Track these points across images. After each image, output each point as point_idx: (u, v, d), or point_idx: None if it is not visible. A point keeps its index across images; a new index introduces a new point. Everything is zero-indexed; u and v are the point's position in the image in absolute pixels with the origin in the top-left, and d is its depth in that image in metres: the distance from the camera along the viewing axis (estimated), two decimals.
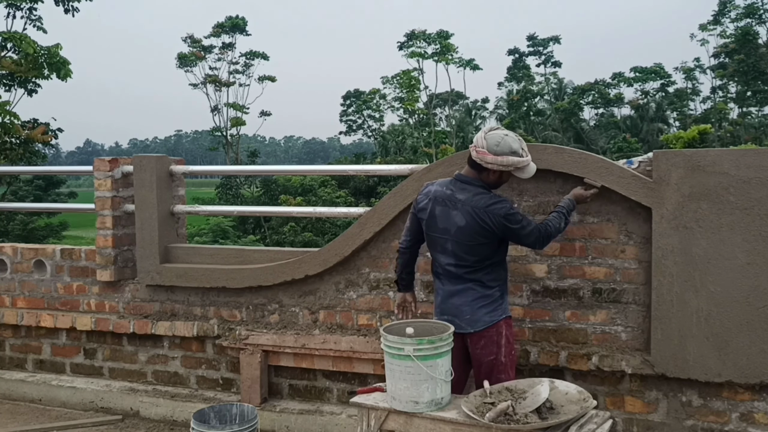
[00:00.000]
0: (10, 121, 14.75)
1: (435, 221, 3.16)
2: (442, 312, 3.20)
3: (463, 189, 3.12)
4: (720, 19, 41.77)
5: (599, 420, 2.75)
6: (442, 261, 3.18)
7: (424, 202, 3.23)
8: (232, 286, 4.23)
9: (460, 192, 3.11)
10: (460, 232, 3.08)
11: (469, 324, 3.10)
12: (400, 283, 3.46)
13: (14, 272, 4.88)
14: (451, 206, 3.11)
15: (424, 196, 3.24)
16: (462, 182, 3.14)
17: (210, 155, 57.42)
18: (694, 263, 3.29)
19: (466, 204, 3.07)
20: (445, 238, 3.14)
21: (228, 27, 37.49)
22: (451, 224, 3.10)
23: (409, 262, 3.42)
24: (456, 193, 3.12)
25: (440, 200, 3.15)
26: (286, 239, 25.03)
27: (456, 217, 3.09)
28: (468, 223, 3.06)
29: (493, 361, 3.11)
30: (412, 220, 3.32)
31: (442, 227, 3.14)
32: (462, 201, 3.09)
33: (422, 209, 3.22)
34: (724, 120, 42.98)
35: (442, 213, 3.14)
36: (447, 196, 3.14)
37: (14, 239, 20.12)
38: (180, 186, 4.62)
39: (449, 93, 46.51)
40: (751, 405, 3.31)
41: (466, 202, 3.08)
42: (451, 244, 3.12)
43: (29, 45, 14.28)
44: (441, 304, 3.22)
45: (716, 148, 4.62)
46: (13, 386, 4.75)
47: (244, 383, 4.18)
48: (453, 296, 3.16)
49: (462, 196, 3.10)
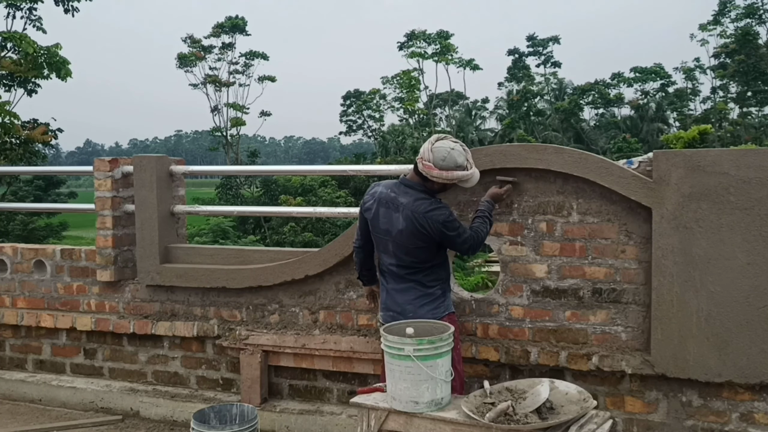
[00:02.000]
0: (10, 121, 14.77)
1: (378, 222, 3.25)
2: (387, 308, 3.31)
3: (405, 193, 3.18)
4: (720, 19, 41.81)
5: (599, 420, 2.75)
6: (385, 260, 3.30)
7: (369, 202, 3.30)
8: (232, 286, 4.23)
9: (403, 195, 3.18)
10: (400, 234, 3.16)
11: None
12: (362, 279, 3.60)
13: (14, 272, 4.88)
14: (393, 209, 3.19)
15: (370, 197, 3.31)
16: (406, 186, 3.21)
17: (210, 155, 57.48)
18: (694, 263, 3.29)
19: (407, 208, 3.14)
20: (386, 239, 3.23)
21: (228, 27, 37.52)
22: (392, 226, 3.18)
23: (366, 260, 3.51)
24: (399, 197, 3.18)
25: (384, 202, 3.23)
26: (286, 239, 25.02)
27: (397, 219, 3.16)
28: (407, 226, 3.13)
29: None
30: (361, 220, 3.40)
31: (384, 228, 3.22)
32: (403, 204, 3.15)
33: (367, 209, 3.31)
34: (725, 120, 43.01)
35: (385, 214, 3.21)
36: (390, 199, 3.21)
37: (14, 239, 20.11)
38: (180, 186, 4.63)
39: (449, 93, 46.57)
40: (751, 405, 3.31)
41: (407, 206, 3.14)
42: (392, 245, 3.21)
43: (29, 45, 14.30)
44: (386, 301, 3.33)
45: (716, 148, 4.62)
46: (13, 386, 4.75)
47: (244, 383, 4.18)
48: (396, 294, 3.26)
49: (404, 199, 3.16)
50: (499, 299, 3.72)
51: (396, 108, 45.34)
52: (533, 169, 3.55)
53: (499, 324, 3.72)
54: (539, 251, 3.64)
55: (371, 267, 3.53)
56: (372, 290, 3.62)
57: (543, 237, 3.62)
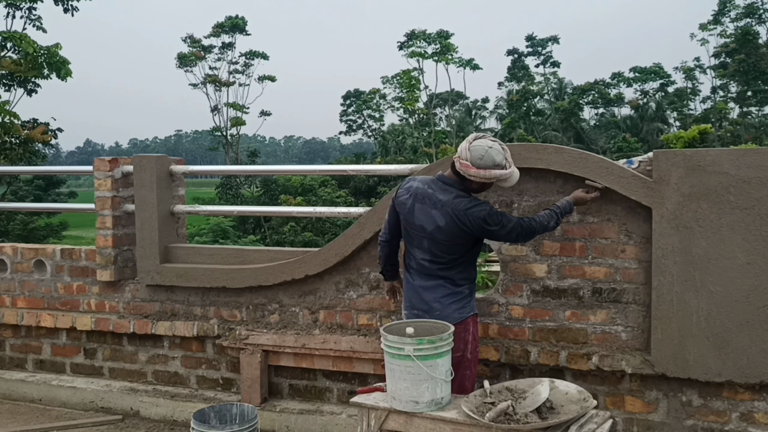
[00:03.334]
0: (9, 120, 14.76)
1: (413, 217, 3.21)
2: (413, 306, 3.27)
3: (444, 190, 3.16)
4: (720, 18, 41.75)
5: (599, 420, 2.75)
6: (417, 256, 3.25)
7: (404, 196, 3.26)
8: (232, 286, 4.23)
9: (441, 193, 3.16)
10: (437, 230, 3.13)
11: (438, 319, 3.14)
12: (385, 274, 3.57)
13: (14, 272, 4.88)
14: (430, 205, 3.16)
15: (405, 191, 3.27)
16: (444, 183, 3.19)
17: (210, 155, 57.41)
18: (694, 263, 3.29)
19: (447, 205, 3.12)
20: (421, 235, 3.20)
21: (228, 27, 37.48)
22: (429, 222, 3.15)
23: (391, 254, 3.48)
24: (437, 193, 3.16)
25: (420, 197, 3.20)
26: (286, 239, 25.02)
27: (435, 216, 3.14)
28: (447, 223, 3.11)
29: (459, 357, 3.14)
30: (391, 214, 3.36)
31: (419, 224, 3.19)
32: (443, 202, 3.13)
33: (402, 203, 3.27)
34: (725, 120, 42.97)
35: (421, 210, 3.19)
36: (428, 195, 3.18)
37: (14, 239, 20.10)
38: (180, 186, 4.62)
39: (449, 93, 46.52)
40: (751, 405, 3.31)
41: (446, 203, 3.12)
42: (427, 242, 3.18)
43: (29, 44, 14.30)
44: (411, 299, 3.29)
45: (716, 148, 4.62)
46: (13, 386, 4.75)
47: (244, 383, 4.18)
48: (424, 291, 3.23)
49: (443, 196, 3.14)
50: (499, 299, 3.72)
51: (396, 108, 45.28)
52: (533, 168, 3.55)
53: (499, 324, 3.72)
54: (539, 251, 3.64)
55: (395, 262, 3.50)
56: (393, 286, 3.60)
57: (543, 237, 3.62)
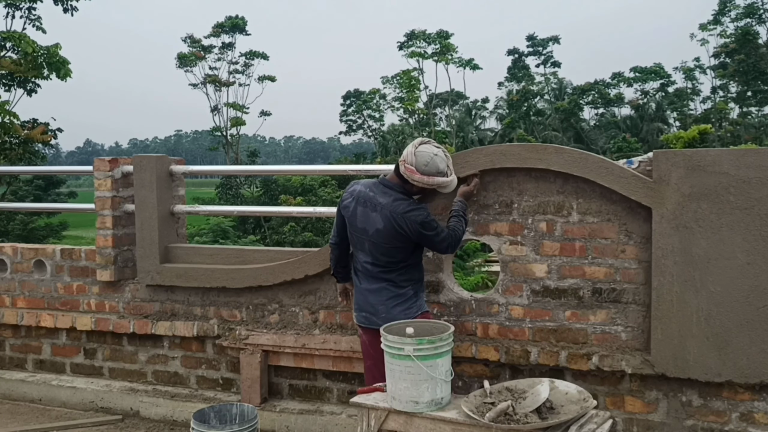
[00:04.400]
0: (9, 120, 14.75)
1: (355, 220, 3.30)
2: (360, 309, 3.38)
3: (384, 193, 3.24)
4: (720, 18, 41.76)
5: (599, 420, 2.75)
6: (361, 258, 3.35)
7: (348, 200, 3.35)
8: (232, 286, 4.23)
9: (382, 195, 3.23)
10: (377, 234, 3.21)
11: (385, 321, 3.18)
12: (337, 276, 3.64)
13: (14, 272, 4.88)
14: (371, 208, 3.23)
15: (349, 195, 3.36)
16: (385, 186, 3.26)
17: (210, 155, 57.40)
18: (694, 263, 3.29)
19: (386, 208, 3.19)
20: (363, 237, 3.28)
21: (228, 27, 37.51)
22: (369, 225, 3.23)
23: (341, 257, 3.53)
24: (377, 196, 3.23)
25: (362, 201, 3.27)
26: (286, 239, 25.00)
27: (375, 219, 3.21)
28: (385, 226, 3.18)
29: None
30: (338, 217, 3.44)
31: (361, 227, 3.27)
32: (382, 204, 3.20)
33: (345, 207, 3.36)
34: (725, 120, 42.97)
35: (362, 213, 3.26)
36: (369, 198, 3.25)
37: (14, 239, 20.10)
38: (180, 186, 4.62)
39: (449, 93, 46.55)
40: (751, 405, 3.31)
41: (385, 206, 3.19)
42: (369, 244, 3.26)
43: (28, 44, 14.29)
44: (359, 301, 3.40)
45: (716, 148, 4.62)
46: (13, 386, 4.75)
47: (244, 383, 4.18)
48: (369, 294, 3.32)
49: (383, 199, 3.21)
50: (499, 299, 3.72)
51: (396, 108, 45.30)
52: (533, 168, 3.55)
53: (499, 324, 3.72)
54: (539, 251, 3.64)
55: (346, 264, 3.56)
56: (345, 288, 3.67)
57: (543, 237, 3.62)
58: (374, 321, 3.27)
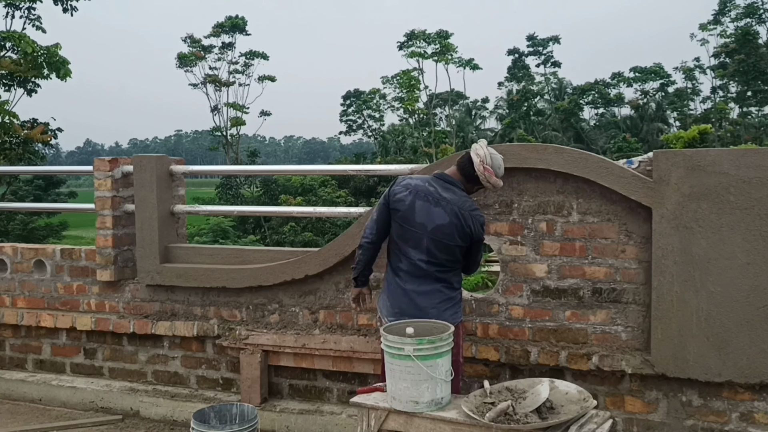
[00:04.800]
0: (9, 120, 14.74)
1: (413, 214, 3.12)
2: (402, 312, 3.12)
3: (446, 188, 3.16)
4: (720, 18, 41.75)
5: (599, 420, 2.75)
6: (413, 256, 3.14)
7: (403, 193, 3.15)
8: (232, 286, 4.23)
9: (444, 191, 3.14)
10: (438, 229, 3.09)
11: None
12: (359, 279, 3.38)
13: (14, 272, 4.88)
14: (432, 203, 3.11)
15: (403, 188, 3.17)
16: (446, 182, 3.18)
17: (210, 155, 57.38)
18: (694, 263, 3.29)
19: (452, 203, 3.10)
20: (420, 233, 3.11)
21: (228, 27, 37.49)
22: (429, 220, 3.09)
23: (373, 258, 3.34)
24: (440, 191, 3.14)
25: (422, 194, 3.13)
26: (286, 239, 25.01)
27: (438, 214, 3.09)
28: (451, 222, 3.08)
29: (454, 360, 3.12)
30: (382, 212, 3.22)
31: (420, 222, 3.11)
32: (446, 200, 3.11)
33: (400, 200, 3.15)
34: (725, 120, 42.97)
35: (422, 208, 3.11)
36: (429, 192, 3.13)
37: (14, 239, 20.09)
38: (180, 186, 4.62)
39: (449, 93, 46.52)
40: (751, 405, 3.31)
41: (451, 201, 3.11)
42: (427, 241, 3.11)
43: (28, 44, 14.28)
44: (400, 304, 3.15)
45: (716, 148, 4.62)
46: (13, 386, 4.75)
47: (244, 383, 4.18)
48: (418, 296, 3.13)
49: (447, 195, 3.13)
50: (499, 299, 3.72)
51: (396, 108, 45.28)
52: (533, 168, 3.55)
53: (499, 324, 3.72)
54: (539, 251, 3.64)
55: (372, 268, 3.41)
56: (362, 292, 3.43)
57: (543, 237, 3.62)
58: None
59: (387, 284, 3.27)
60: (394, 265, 3.23)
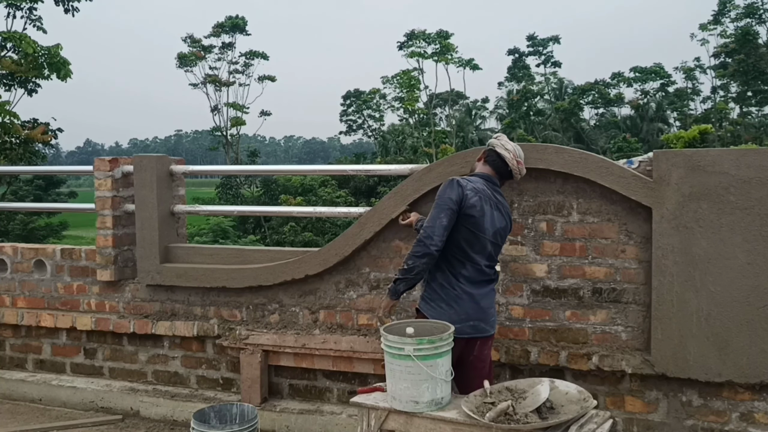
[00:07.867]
0: (9, 120, 14.74)
1: (484, 220, 3.02)
2: (468, 318, 3.03)
3: (496, 190, 3.16)
4: (720, 18, 41.73)
5: (599, 420, 2.75)
6: (479, 261, 3.04)
7: (474, 198, 3.00)
8: (232, 286, 4.23)
9: (496, 193, 3.15)
10: (498, 233, 3.11)
11: (492, 326, 3.14)
12: (405, 290, 3.10)
13: (14, 272, 4.88)
14: (494, 207, 3.10)
15: (473, 192, 3.01)
16: (491, 183, 3.16)
17: (210, 155, 57.40)
18: (694, 263, 3.29)
19: (504, 206, 3.14)
20: (486, 238, 3.05)
21: (228, 27, 37.49)
22: (492, 225, 3.07)
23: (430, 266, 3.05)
24: (495, 194, 3.14)
25: (487, 199, 3.06)
26: (286, 239, 25.01)
27: (498, 218, 3.10)
28: (506, 225, 3.15)
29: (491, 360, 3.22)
30: (451, 218, 2.97)
31: (488, 227, 3.04)
32: (501, 202, 3.14)
33: (472, 206, 2.98)
34: (725, 120, 42.96)
35: (490, 213, 3.06)
36: (489, 196, 3.09)
37: (14, 239, 20.11)
38: (180, 186, 4.62)
39: (449, 93, 46.51)
40: (751, 405, 3.31)
41: (502, 203, 3.14)
42: (490, 245, 3.09)
43: (29, 45, 14.27)
44: (466, 310, 3.03)
45: (716, 148, 4.62)
46: (13, 386, 4.75)
47: (245, 383, 4.18)
48: (482, 299, 3.08)
49: (499, 197, 3.15)
50: (499, 299, 3.72)
51: (396, 108, 45.28)
52: (533, 168, 3.55)
53: (499, 324, 3.71)
54: (539, 251, 3.64)
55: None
56: (395, 305, 3.17)
57: (543, 237, 3.62)
58: (483, 328, 3.07)
59: (443, 290, 3.05)
60: (455, 270, 3.04)
